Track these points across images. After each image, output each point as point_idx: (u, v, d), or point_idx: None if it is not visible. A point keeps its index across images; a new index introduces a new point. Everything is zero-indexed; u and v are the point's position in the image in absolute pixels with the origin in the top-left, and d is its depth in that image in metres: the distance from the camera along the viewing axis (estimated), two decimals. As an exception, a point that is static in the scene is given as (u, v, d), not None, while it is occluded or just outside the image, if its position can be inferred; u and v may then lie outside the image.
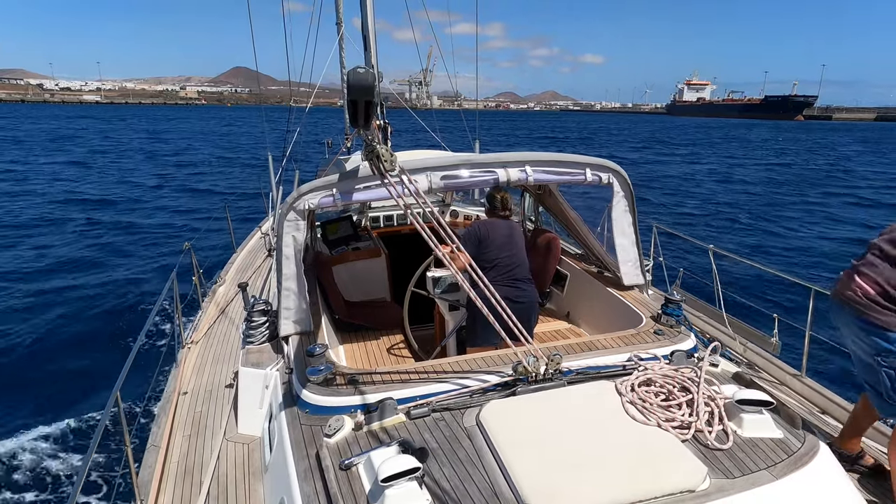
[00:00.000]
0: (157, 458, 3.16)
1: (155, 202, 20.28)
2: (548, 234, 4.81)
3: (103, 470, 5.02)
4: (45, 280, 11.15)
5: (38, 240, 14.15)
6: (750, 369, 4.28)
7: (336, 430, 2.32)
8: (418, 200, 2.79)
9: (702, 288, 5.87)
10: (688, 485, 1.93)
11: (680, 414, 2.30)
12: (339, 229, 5.83)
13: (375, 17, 4.71)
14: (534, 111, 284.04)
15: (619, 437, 2.16)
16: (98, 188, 22.69)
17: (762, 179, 28.24)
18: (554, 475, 1.94)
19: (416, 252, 4.24)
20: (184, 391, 4.00)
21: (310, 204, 3.08)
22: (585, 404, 2.38)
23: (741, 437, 2.24)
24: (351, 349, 4.43)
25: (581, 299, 4.57)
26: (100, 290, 10.74)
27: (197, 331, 5.14)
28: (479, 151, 7.55)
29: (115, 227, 16.09)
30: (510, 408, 2.37)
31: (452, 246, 2.79)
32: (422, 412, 2.42)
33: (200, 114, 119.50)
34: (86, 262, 12.53)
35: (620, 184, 3.72)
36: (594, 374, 2.67)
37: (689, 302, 5.22)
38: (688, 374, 2.53)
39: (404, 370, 2.78)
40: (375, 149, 2.60)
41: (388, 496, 1.86)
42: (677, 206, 19.91)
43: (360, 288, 5.34)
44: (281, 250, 3.18)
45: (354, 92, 2.31)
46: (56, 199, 20.05)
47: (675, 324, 3.28)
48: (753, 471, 2.05)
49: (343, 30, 7.47)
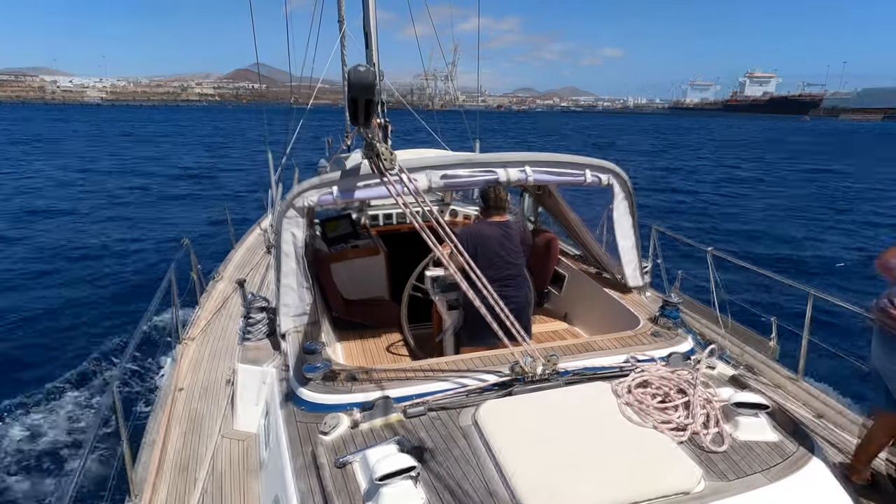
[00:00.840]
0: (154, 453, 3.16)
1: (156, 198, 20.29)
2: (547, 234, 4.81)
3: (99, 465, 5.02)
4: (45, 278, 11.15)
5: (38, 238, 14.15)
6: (747, 372, 4.28)
7: (332, 428, 2.32)
8: (417, 199, 2.79)
9: (700, 290, 5.87)
10: (683, 487, 1.94)
11: (676, 416, 2.30)
12: (338, 227, 5.83)
13: (384, 12, 4.68)
14: (558, 108, 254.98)
15: (616, 439, 2.16)
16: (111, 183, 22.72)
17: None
18: (550, 475, 1.94)
19: (415, 251, 4.24)
20: (181, 387, 4.00)
21: (309, 201, 3.08)
22: (582, 405, 2.39)
23: (737, 440, 2.24)
24: (349, 347, 4.43)
25: (579, 300, 4.57)
26: (99, 286, 10.74)
27: (195, 327, 5.14)
28: (479, 151, 7.55)
29: (115, 222, 16.10)
30: (507, 408, 2.37)
31: (451, 245, 2.79)
32: (418, 411, 2.42)
33: (217, 113, 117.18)
34: (85, 258, 12.53)
35: (620, 186, 3.71)
36: (591, 375, 2.67)
37: (687, 304, 5.22)
38: (685, 376, 2.53)
39: (401, 369, 2.78)
40: (375, 147, 2.60)
41: (383, 494, 1.86)
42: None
43: (359, 286, 5.34)
44: (280, 247, 3.18)
45: (355, 90, 2.31)
46: (55, 196, 20.06)
47: (673, 326, 3.28)
48: (749, 474, 2.06)
49: (345, 28, 7.45)
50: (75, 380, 6.97)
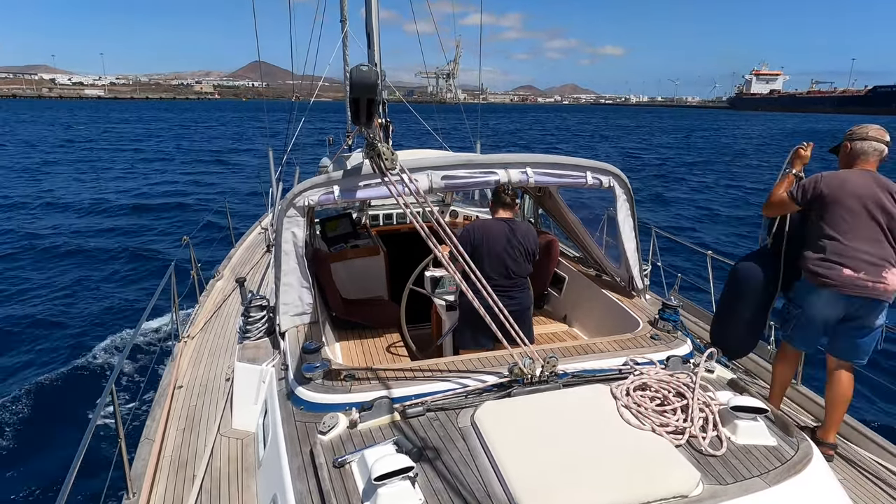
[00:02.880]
0: (151, 451, 3.15)
1: (160, 193, 20.29)
2: (547, 236, 4.81)
3: (96, 462, 5.01)
4: (45, 277, 11.15)
5: (38, 237, 14.14)
6: (746, 376, 4.29)
7: (330, 428, 2.32)
8: (418, 200, 2.79)
9: (699, 293, 5.87)
10: (681, 490, 1.94)
11: (674, 419, 2.30)
12: (338, 227, 5.83)
13: (388, 9, 4.69)
14: (561, 105, 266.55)
15: (614, 441, 2.16)
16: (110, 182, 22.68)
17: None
18: (547, 477, 1.94)
19: (415, 251, 4.24)
20: (179, 385, 4.00)
21: (309, 200, 3.08)
22: (580, 407, 2.38)
23: (735, 443, 2.24)
24: (347, 347, 4.43)
25: (578, 302, 4.58)
26: (97, 283, 10.74)
27: (194, 325, 5.14)
28: (480, 152, 7.55)
29: (114, 219, 16.09)
30: (505, 409, 2.37)
31: (451, 246, 2.78)
32: (417, 411, 2.42)
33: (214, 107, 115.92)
34: (84, 255, 12.52)
35: (621, 188, 3.71)
36: (590, 377, 2.67)
37: (686, 307, 5.22)
38: (683, 379, 2.53)
39: (400, 369, 2.78)
40: (377, 146, 2.60)
41: (380, 495, 1.86)
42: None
43: (358, 286, 5.34)
44: (280, 246, 3.18)
45: (357, 90, 2.31)
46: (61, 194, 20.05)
47: (672, 329, 3.28)
48: (746, 477, 2.05)
49: (347, 27, 7.45)
50: (73, 376, 6.97)
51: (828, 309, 3.19)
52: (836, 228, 3.10)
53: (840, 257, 3.08)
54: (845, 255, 3.07)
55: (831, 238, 3.12)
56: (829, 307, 3.18)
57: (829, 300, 3.16)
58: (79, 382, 6.83)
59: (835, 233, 3.11)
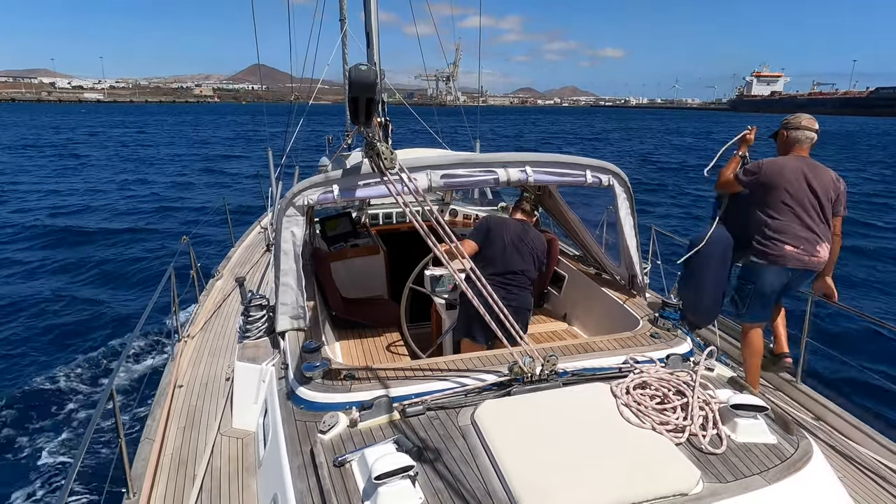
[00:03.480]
0: (151, 450, 3.15)
1: (160, 193, 20.29)
2: (546, 234, 4.81)
3: (96, 462, 5.02)
4: (44, 275, 11.15)
5: (37, 235, 14.14)
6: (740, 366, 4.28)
7: (330, 427, 2.32)
8: (417, 199, 2.79)
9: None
10: (681, 488, 1.94)
11: (674, 417, 2.30)
12: (338, 226, 5.83)
13: (387, 11, 4.68)
14: (560, 107, 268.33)
15: (614, 440, 2.16)
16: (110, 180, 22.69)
17: None
18: (547, 476, 1.94)
19: (415, 250, 4.24)
20: (179, 384, 4.00)
21: (309, 200, 3.07)
22: (580, 406, 2.38)
23: (735, 441, 2.24)
24: (347, 346, 4.43)
25: (578, 301, 4.57)
26: (97, 281, 10.74)
27: (194, 324, 5.14)
28: (479, 151, 7.55)
29: (114, 220, 16.10)
30: (505, 408, 2.37)
31: (451, 245, 2.78)
32: (417, 410, 2.41)
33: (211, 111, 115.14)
34: (85, 253, 12.52)
35: (621, 186, 3.71)
36: (590, 375, 2.67)
37: None
38: (683, 377, 2.53)
39: (400, 368, 2.78)
40: (376, 146, 2.60)
41: (381, 494, 1.86)
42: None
43: (358, 285, 5.33)
44: (279, 245, 3.17)
45: (356, 89, 2.31)
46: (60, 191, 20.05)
47: (672, 327, 3.28)
48: (746, 475, 2.05)
49: (346, 26, 7.44)
50: (74, 376, 6.97)
51: (776, 282, 3.70)
52: (778, 210, 3.60)
53: (783, 235, 3.58)
54: (787, 233, 3.57)
55: (774, 219, 3.61)
56: (777, 279, 3.69)
57: (776, 274, 3.67)
58: (79, 382, 6.83)
59: (777, 214, 3.60)
